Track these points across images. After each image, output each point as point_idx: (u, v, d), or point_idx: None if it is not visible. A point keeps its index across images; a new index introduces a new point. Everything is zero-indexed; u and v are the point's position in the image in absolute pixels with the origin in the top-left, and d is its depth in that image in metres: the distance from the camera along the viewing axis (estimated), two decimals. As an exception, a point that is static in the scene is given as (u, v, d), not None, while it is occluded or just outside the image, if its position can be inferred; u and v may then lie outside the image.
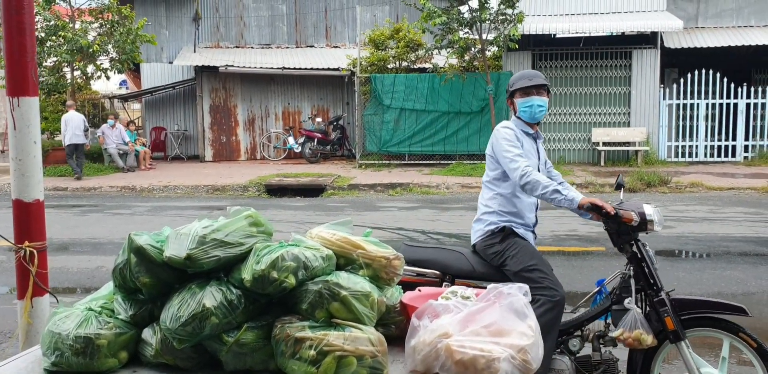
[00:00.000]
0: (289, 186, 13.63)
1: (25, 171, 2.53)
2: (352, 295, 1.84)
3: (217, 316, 1.73)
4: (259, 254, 1.84)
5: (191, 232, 1.85)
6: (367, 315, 1.85)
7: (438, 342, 1.73)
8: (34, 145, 2.60)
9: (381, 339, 1.77)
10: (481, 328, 1.77)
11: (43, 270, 2.44)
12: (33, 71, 2.63)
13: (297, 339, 1.68)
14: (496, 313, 1.82)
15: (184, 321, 1.73)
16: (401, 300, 2.05)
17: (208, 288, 1.80)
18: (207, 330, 1.71)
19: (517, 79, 3.50)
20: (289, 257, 1.82)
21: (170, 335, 1.73)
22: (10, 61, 2.57)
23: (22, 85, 2.61)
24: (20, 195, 2.52)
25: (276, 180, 14.05)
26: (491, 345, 1.72)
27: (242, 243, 1.86)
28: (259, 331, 1.75)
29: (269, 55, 19.00)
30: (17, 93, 2.59)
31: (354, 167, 16.40)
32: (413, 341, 1.78)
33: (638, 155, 15.41)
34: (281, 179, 14.19)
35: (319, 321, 1.75)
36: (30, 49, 2.58)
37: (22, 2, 2.53)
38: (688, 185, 12.57)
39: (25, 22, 2.55)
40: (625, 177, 13.10)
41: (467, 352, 1.69)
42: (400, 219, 9.76)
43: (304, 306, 1.81)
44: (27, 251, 2.36)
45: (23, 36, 2.56)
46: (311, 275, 1.84)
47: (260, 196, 13.08)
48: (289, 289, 1.79)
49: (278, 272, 1.79)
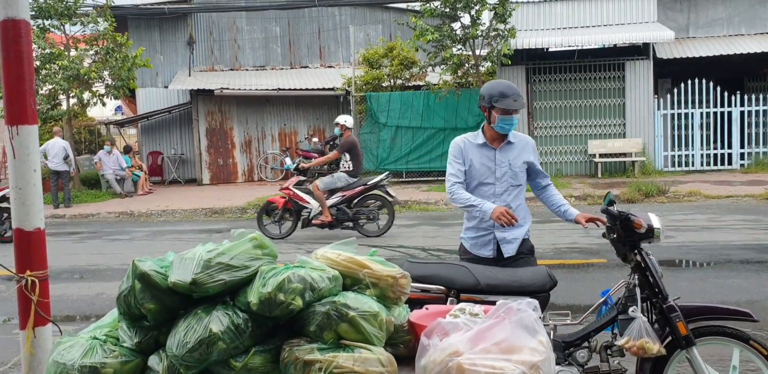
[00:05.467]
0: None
1: (26, 200, 2.52)
2: (360, 316, 1.83)
3: (224, 341, 1.71)
4: (265, 277, 1.82)
5: (195, 256, 1.83)
6: (376, 335, 1.83)
7: (449, 360, 1.71)
8: (34, 173, 2.59)
9: (391, 359, 1.75)
10: (492, 345, 1.75)
11: (44, 300, 2.42)
12: (32, 100, 2.63)
13: (306, 361, 1.66)
14: (506, 330, 1.80)
15: (191, 346, 1.71)
16: (409, 319, 2.03)
17: (215, 312, 1.78)
18: (214, 355, 1.69)
19: (499, 93, 3.63)
20: (295, 279, 1.80)
21: (177, 361, 1.71)
22: (8, 91, 2.57)
23: (21, 113, 2.60)
24: (21, 224, 2.51)
25: (275, 201, 14.00)
26: (503, 362, 1.71)
27: (248, 266, 1.85)
28: (267, 355, 1.73)
29: (264, 77, 19.10)
30: (16, 122, 2.59)
31: (352, 186, 16.38)
32: (423, 360, 1.76)
33: (635, 165, 15.44)
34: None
35: (328, 343, 1.73)
36: (28, 78, 2.59)
37: (20, 32, 2.54)
38: (686, 194, 12.57)
39: (23, 51, 2.55)
40: (623, 188, 13.06)
41: (479, 370, 1.67)
42: (400, 237, 9.74)
43: (312, 327, 1.79)
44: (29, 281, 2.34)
45: (21, 65, 2.57)
46: (318, 297, 1.82)
47: (259, 217, 13.03)
48: (297, 311, 1.77)
49: (285, 295, 1.78)
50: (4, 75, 2.59)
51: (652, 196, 12.46)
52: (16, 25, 2.54)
